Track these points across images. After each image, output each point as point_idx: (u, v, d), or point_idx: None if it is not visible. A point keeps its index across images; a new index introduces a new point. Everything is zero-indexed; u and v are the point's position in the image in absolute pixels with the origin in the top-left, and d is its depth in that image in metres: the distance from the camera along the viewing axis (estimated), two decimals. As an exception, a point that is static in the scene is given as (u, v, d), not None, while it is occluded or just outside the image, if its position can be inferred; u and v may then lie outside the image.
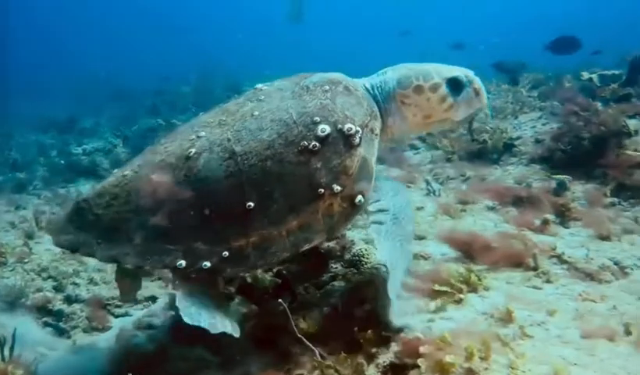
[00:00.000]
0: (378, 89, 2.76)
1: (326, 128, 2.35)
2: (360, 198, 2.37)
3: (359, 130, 2.42)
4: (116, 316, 3.63)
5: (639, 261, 3.05)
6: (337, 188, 2.32)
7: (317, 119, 2.38)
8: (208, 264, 2.23)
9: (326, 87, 2.54)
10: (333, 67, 2.84)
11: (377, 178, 2.52)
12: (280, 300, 2.33)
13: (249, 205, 2.24)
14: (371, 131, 2.53)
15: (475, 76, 2.77)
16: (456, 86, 2.70)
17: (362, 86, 2.75)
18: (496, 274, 2.88)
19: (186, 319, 2.07)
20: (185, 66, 18.80)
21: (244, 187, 2.26)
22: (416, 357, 1.99)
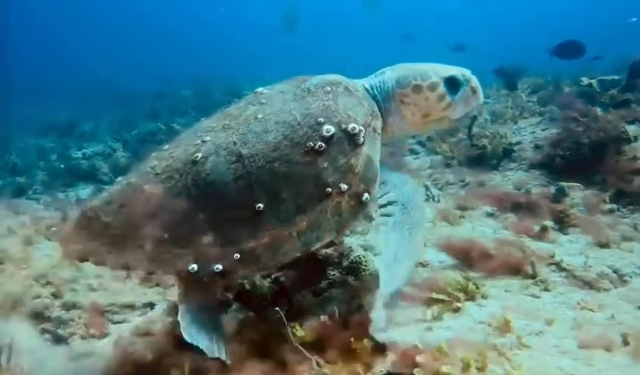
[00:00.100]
0: (377, 89, 2.79)
1: (331, 128, 2.38)
2: (366, 196, 2.40)
3: (362, 130, 2.45)
4: (114, 323, 3.61)
5: (638, 269, 3.05)
6: (344, 187, 2.35)
7: (321, 119, 2.40)
8: (220, 267, 2.23)
9: (327, 89, 2.57)
10: (335, 71, 2.85)
11: (382, 171, 2.55)
12: (277, 309, 2.33)
13: (259, 207, 2.25)
14: (373, 130, 2.56)
15: (472, 75, 2.81)
16: (453, 85, 2.74)
17: (361, 86, 2.79)
18: (494, 282, 2.88)
19: (186, 336, 2.15)
20: (185, 70, 18.86)
21: (253, 189, 2.27)
22: (412, 367, 1.99)
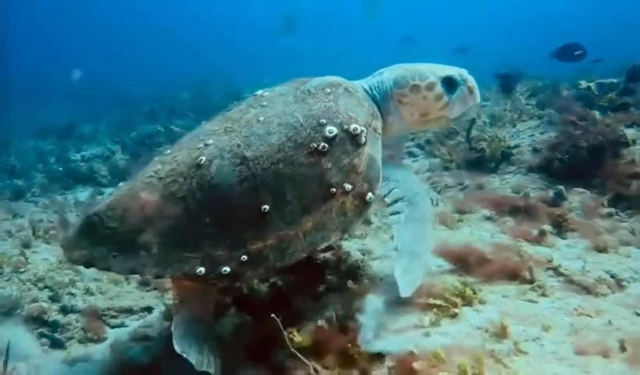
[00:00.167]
0: (376, 89, 2.83)
1: (333, 129, 2.41)
2: (370, 195, 2.43)
3: (364, 130, 2.48)
4: (112, 327, 3.61)
5: (636, 274, 3.04)
6: (348, 187, 2.38)
7: (323, 120, 2.43)
8: (228, 269, 2.24)
9: (328, 90, 2.60)
10: (335, 73, 2.87)
11: (385, 167, 2.58)
12: (273, 315, 2.32)
13: (264, 209, 2.27)
14: (374, 130, 2.60)
15: (469, 74, 2.85)
16: (450, 84, 2.80)
17: (360, 87, 2.82)
18: (492, 287, 2.87)
19: (177, 347, 2.17)
20: (184, 70, 18.86)
21: (259, 191, 2.28)
22: (410, 373, 1.99)
